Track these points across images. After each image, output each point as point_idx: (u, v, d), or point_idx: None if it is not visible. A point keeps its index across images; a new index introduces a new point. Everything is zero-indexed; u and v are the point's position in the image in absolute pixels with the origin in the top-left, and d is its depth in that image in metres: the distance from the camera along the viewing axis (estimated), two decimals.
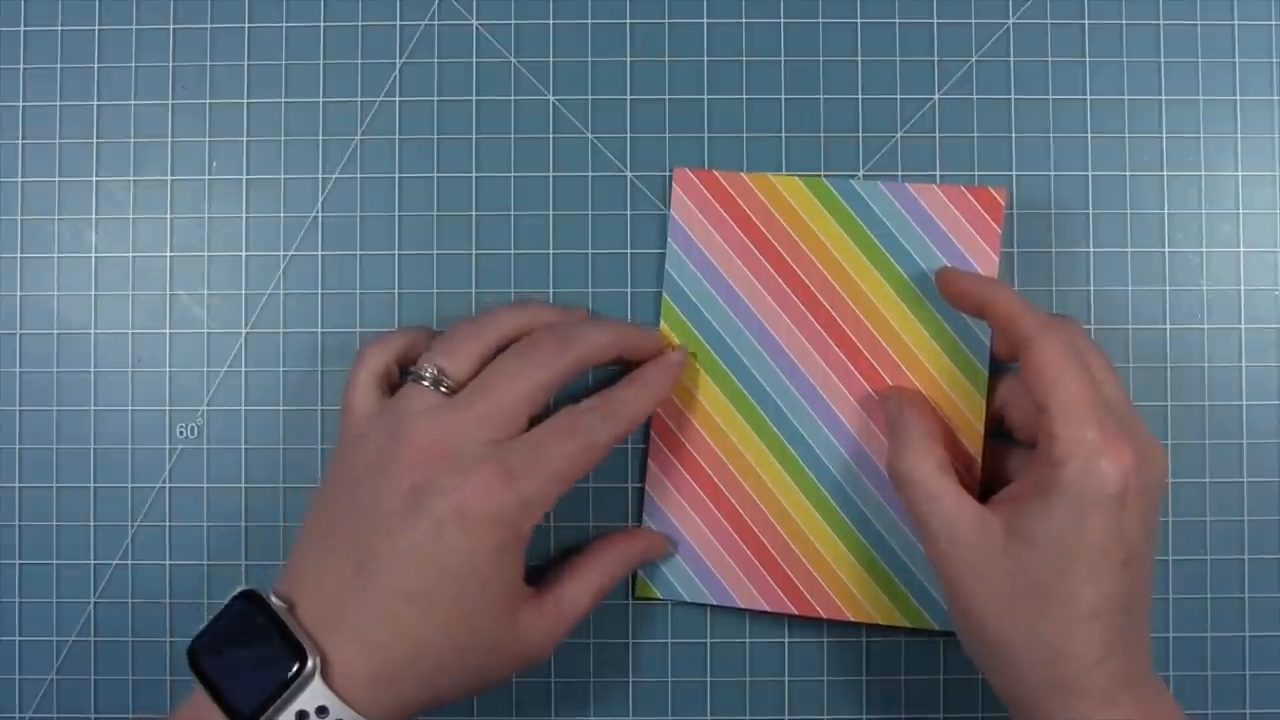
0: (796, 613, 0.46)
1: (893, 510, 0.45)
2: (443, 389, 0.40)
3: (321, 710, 0.37)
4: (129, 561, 0.46)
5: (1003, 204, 0.45)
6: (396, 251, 0.47)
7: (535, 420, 0.40)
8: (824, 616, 0.46)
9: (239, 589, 0.39)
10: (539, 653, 0.41)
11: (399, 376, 0.43)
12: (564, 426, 0.40)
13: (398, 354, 0.43)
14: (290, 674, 0.37)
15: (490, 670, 0.40)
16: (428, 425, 0.39)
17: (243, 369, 0.47)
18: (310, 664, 0.37)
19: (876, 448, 0.45)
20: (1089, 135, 0.46)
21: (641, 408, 0.42)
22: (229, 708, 0.38)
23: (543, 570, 0.44)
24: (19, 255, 0.47)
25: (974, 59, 0.46)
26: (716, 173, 0.46)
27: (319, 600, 0.39)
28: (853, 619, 0.46)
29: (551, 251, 0.46)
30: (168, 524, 0.47)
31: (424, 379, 0.40)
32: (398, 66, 0.47)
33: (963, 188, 0.45)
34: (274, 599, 0.39)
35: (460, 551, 0.38)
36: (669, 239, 0.46)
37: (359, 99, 0.47)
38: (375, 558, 0.39)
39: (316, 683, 0.37)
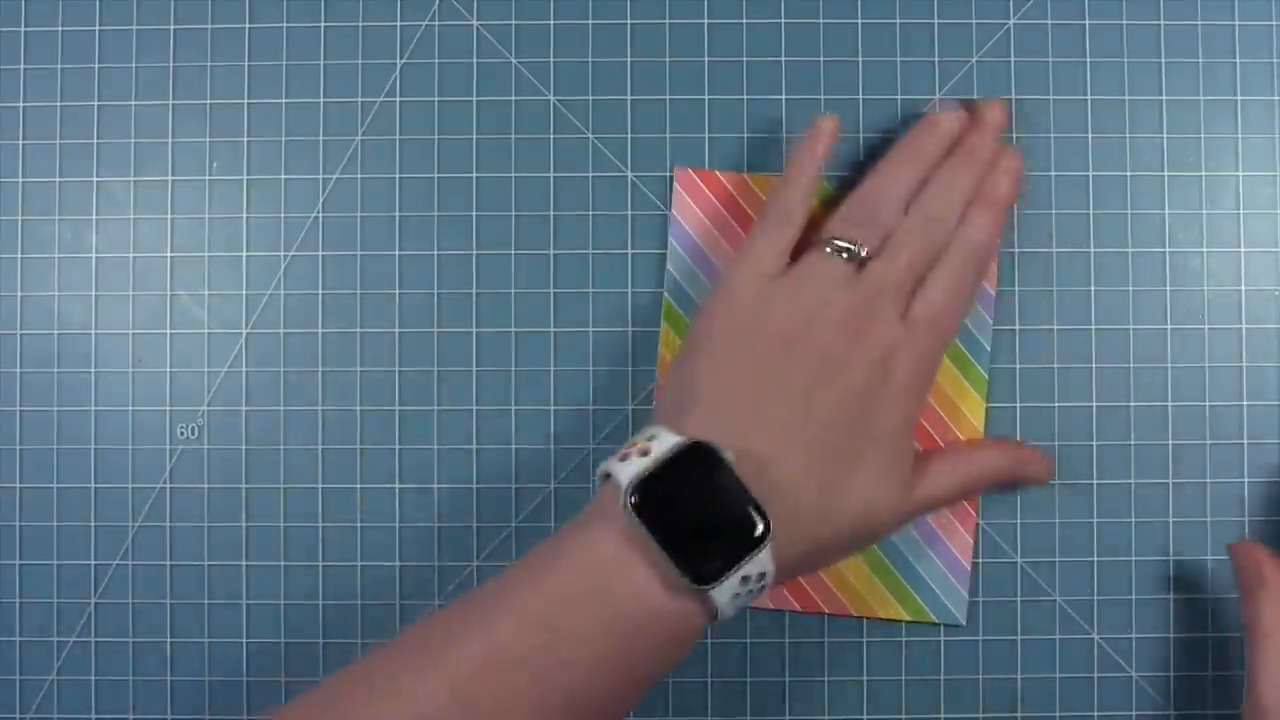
0: (799, 609, 0.46)
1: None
2: (854, 259, 0.41)
3: (761, 576, 0.37)
4: (129, 561, 0.46)
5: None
6: (397, 252, 0.47)
7: None
8: (826, 612, 0.46)
9: (682, 438, 0.37)
10: (890, 524, 0.41)
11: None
12: (951, 287, 0.42)
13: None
14: (754, 538, 0.36)
15: (868, 536, 0.41)
16: (847, 296, 0.41)
17: (243, 369, 0.47)
18: (767, 529, 0.36)
19: None
20: (1089, 135, 0.46)
21: (996, 233, 0.44)
22: (686, 564, 0.36)
23: None
24: (19, 255, 0.47)
25: (974, 59, 0.46)
26: (718, 173, 0.46)
27: (758, 452, 0.38)
28: (855, 614, 0.46)
29: (552, 252, 0.46)
30: (168, 524, 0.47)
31: (837, 251, 0.41)
32: (398, 67, 0.47)
33: None
34: (728, 455, 0.37)
35: (895, 414, 0.40)
36: (670, 239, 0.46)
37: (359, 99, 0.47)
38: (817, 413, 0.39)
39: (765, 549, 0.36)
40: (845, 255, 0.41)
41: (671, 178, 0.46)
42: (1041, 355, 0.46)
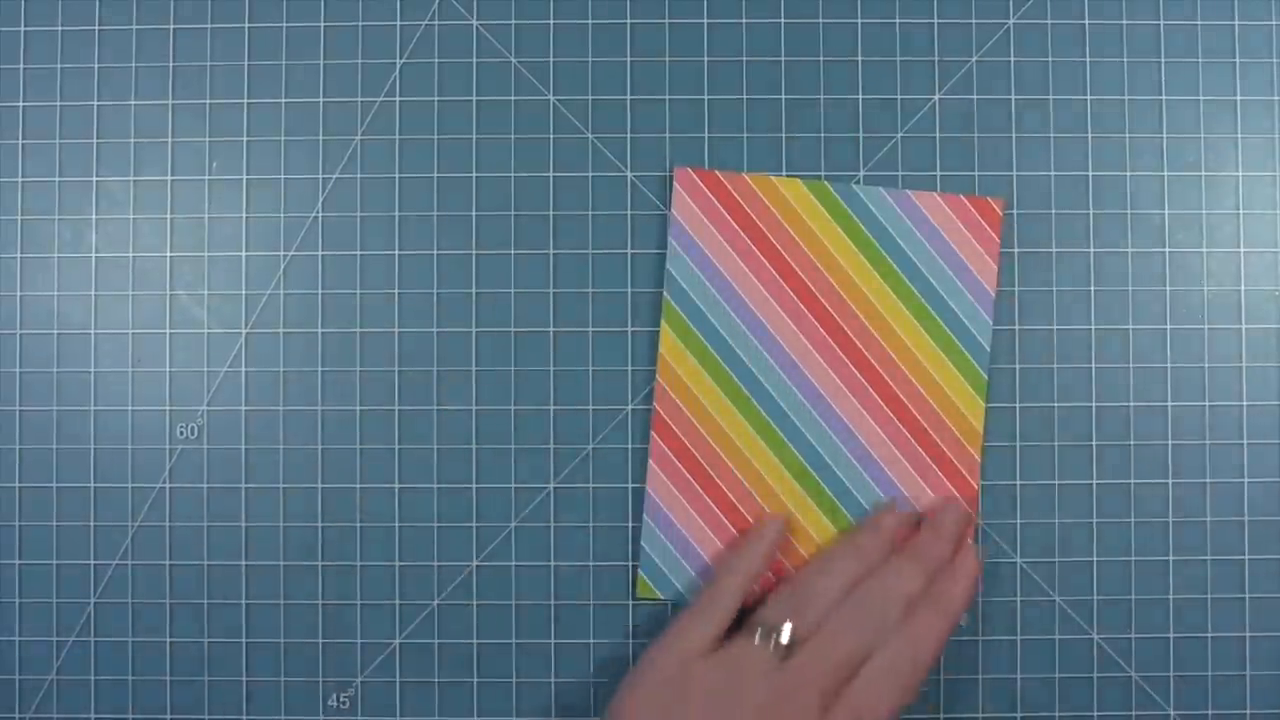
0: None
1: (893, 507, 0.45)
2: (780, 647, 0.41)
3: None
4: (129, 561, 0.46)
5: (1001, 215, 0.46)
6: (396, 252, 0.47)
7: None
8: None
9: None
10: None
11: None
12: (882, 691, 0.41)
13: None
14: None
15: None
16: (767, 687, 0.40)
17: (243, 369, 0.47)
18: None
19: (877, 445, 0.46)
20: (1089, 135, 0.46)
21: (943, 640, 0.42)
22: None
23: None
24: (19, 255, 0.47)
25: (974, 59, 0.46)
26: (718, 173, 0.46)
27: None
28: None
29: (551, 252, 0.46)
30: (168, 524, 0.47)
31: (765, 638, 0.41)
32: (398, 67, 0.47)
33: (963, 197, 0.46)
34: None
35: None
36: (670, 239, 0.46)
37: (359, 99, 0.47)
38: None
39: None
40: (772, 643, 0.41)
41: (671, 178, 0.46)
42: (1041, 355, 0.46)
